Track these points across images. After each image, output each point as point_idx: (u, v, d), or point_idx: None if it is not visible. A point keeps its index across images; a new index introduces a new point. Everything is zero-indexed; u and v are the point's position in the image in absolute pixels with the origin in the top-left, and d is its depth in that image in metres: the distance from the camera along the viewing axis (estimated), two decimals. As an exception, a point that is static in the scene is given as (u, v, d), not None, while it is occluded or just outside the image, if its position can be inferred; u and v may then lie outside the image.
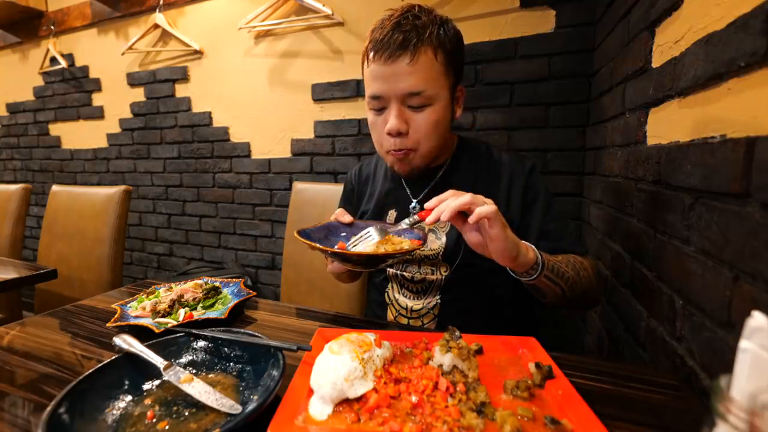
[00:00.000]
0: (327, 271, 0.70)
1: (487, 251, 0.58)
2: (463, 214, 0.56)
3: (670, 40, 0.67)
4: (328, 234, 0.70)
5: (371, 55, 0.68)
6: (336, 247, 0.66)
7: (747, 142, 0.45)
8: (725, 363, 0.48)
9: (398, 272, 0.81)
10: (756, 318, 0.24)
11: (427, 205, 0.57)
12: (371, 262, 0.61)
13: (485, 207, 0.53)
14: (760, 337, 0.23)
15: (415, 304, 0.80)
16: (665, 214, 0.67)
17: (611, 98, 1.00)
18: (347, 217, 0.72)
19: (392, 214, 0.84)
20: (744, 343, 0.24)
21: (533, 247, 0.61)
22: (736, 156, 0.47)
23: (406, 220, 0.65)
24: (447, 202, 0.54)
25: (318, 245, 0.58)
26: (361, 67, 0.74)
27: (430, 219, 0.55)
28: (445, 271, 0.77)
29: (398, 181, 0.85)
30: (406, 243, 0.65)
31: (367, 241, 0.66)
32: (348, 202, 0.96)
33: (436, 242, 0.77)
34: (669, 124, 0.68)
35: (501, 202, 0.76)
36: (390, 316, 0.83)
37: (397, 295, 0.82)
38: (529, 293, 0.68)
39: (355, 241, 0.68)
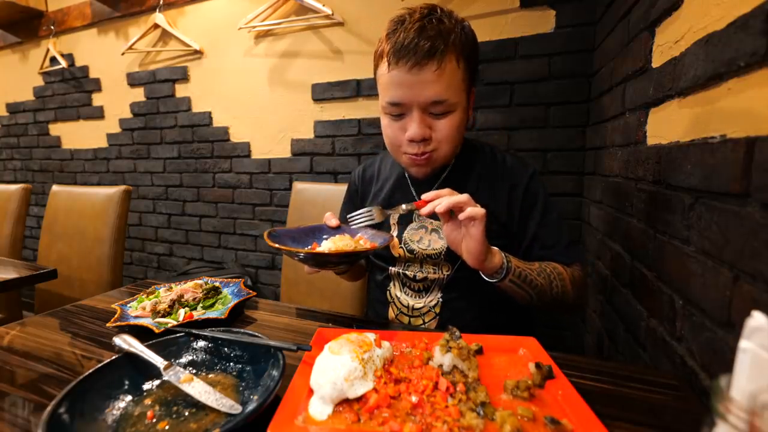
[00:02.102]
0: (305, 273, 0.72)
1: (460, 249, 0.64)
2: (451, 212, 0.62)
3: (670, 40, 0.67)
4: (308, 235, 0.74)
5: (393, 60, 0.65)
6: (309, 248, 0.70)
7: (747, 142, 0.45)
8: (725, 363, 0.48)
9: (400, 271, 0.81)
10: (756, 318, 0.24)
11: (425, 196, 0.62)
12: (318, 261, 0.64)
13: (476, 209, 0.59)
14: (760, 337, 0.23)
15: (417, 302, 0.80)
16: (665, 214, 0.67)
17: (611, 98, 1.00)
18: (333, 221, 0.75)
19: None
20: (744, 343, 0.24)
21: (502, 253, 0.65)
22: (736, 156, 0.47)
23: (404, 206, 0.67)
24: (443, 198, 0.60)
25: (274, 243, 0.61)
26: (373, 69, 0.73)
27: (425, 211, 0.60)
28: (446, 271, 0.78)
29: (403, 181, 0.85)
30: (361, 244, 0.69)
31: (368, 219, 0.72)
32: (351, 203, 0.96)
33: (439, 242, 0.78)
34: (669, 124, 0.68)
35: (502, 202, 0.77)
36: (391, 314, 0.83)
37: (398, 294, 0.83)
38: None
39: (357, 217, 0.73)
